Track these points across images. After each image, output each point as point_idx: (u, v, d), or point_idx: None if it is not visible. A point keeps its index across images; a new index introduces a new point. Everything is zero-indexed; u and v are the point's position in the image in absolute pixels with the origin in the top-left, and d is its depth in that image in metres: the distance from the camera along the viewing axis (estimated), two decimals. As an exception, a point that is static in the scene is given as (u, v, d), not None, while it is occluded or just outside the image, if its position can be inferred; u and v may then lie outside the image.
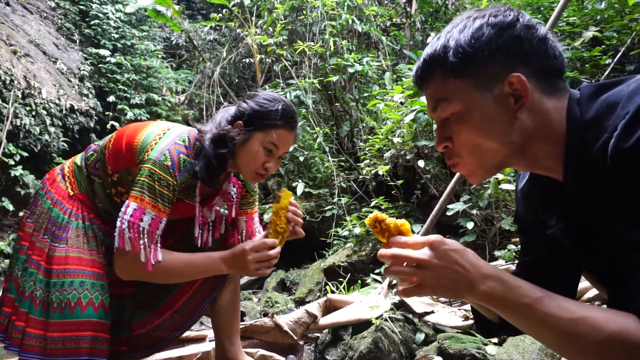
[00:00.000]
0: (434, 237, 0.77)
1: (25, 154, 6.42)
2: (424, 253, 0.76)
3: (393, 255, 0.79)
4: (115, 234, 1.41)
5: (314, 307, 2.38)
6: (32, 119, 6.56)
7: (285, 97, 5.40)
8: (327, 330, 2.34)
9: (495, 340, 2.04)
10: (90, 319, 1.46)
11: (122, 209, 1.42)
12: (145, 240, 1.40)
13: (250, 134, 1.48)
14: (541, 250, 0.93)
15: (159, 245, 1.44)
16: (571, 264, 0.91)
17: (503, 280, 0.74)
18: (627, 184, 0.66)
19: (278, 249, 1.51)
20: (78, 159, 1.67)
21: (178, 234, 1.70)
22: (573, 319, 0.69)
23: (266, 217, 4.66)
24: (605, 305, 0.81)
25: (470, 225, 3.18)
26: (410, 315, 2.27)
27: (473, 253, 0.77)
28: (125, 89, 7.88)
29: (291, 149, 5.05)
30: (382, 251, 0.80)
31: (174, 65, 9.51)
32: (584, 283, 1.91)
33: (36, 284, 1.47)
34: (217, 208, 1.68)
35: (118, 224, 1.41)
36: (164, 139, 1.47)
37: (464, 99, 0.80)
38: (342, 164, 5.11)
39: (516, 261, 2.68)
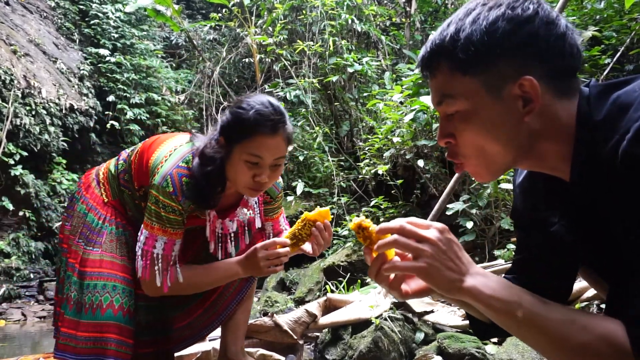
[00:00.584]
0: (442, 224, 0.77)
1: (25, 154, 6.42)
2: (431, 232, 0.75)
3: (401, 227, 0.77)
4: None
5: (314, 306, 2.38)
6: (32, 118, 6.56)
7: (285, 96, 5.43)
8: (326, 330, 2.34)
9: (494, 339, 2.04)
10: (118, 322, 1.49)
11: (139, 236, 1.47)
12: (160, 264, 1.44)
13: (231, 148, 1.40)
14: (541, 247, 0.91)
15: (177, 265, 1.48)
16: (570, 261, 0.91)
17: (493, 279, 0.75)
18: (636, 189, 0.66)
19: (288, 249, 1.48)
20: (112, 165, 1.67)
21: (199, 243, 1.69)
22: (561, 320, 0.69)
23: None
24: (603, 305, 0.82)
25: (469, 224, 3.18)
26: (410, 315, 2.27)
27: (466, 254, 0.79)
28: (125, 88, 7.87)
29: (291, 148, 5.05)
30: (382, 242, 0.78)
31: (174, 65, 9.51)
32: (582, 283, 1.92)
33: (71, 286, 1.53)
34: (240, 219, 1.66)
35: (136, 251, 1.46)
36: (169, 160, 1.45)
37: (471, 98, 0.75)
38: (342, 163, 5.11)
39: (515, 252, 2.68)
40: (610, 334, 0.66)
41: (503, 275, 0.93)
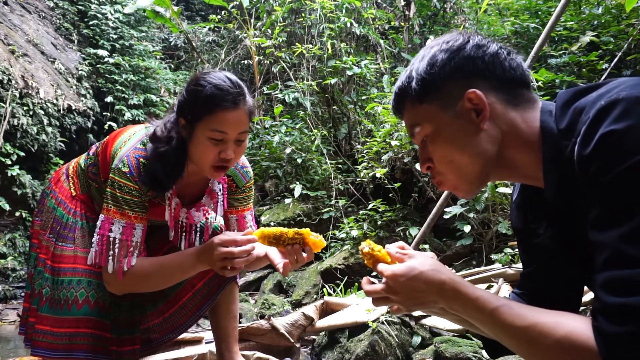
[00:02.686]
0: (390, 271, 0.84)
1: (22, 154, 6.40)
2: (387, 288, 0.85)
3: (366, 291, 0.91)
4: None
5: (311, 309, 2.38)
6: (30, 118, 6.54)
7: (284, 99, 5.43)
8: (323, 333, 2.34)
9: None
10: (94, 317, 1.48)
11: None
12: (116, 250, 1.38)
13: (192, 128, 1.34)
14: (537, 260, 0.95)
15: (135, 252, 1.41)
16: (567, 270, 0.92)
17: (460, 295, 0.79)
18: (590, 187, 0.69)
19: (248, 247, 1.34)
20: (82, 160, 1.65)
21: (169, 241, 1.65)
22: (525, 327, 0.73)
23: (263, 218, 4.66)
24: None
25: (467, 228, 3.18)
26: (407, 319, 2.27)
27: (433, 270, 0.82)
28: (123, 89, 7.86)
29: (289, 151, 5.09)
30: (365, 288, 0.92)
31: (172, 66, 9.51)
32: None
33: (43, 282, 1.50)
34: (206, 208, 1.60)
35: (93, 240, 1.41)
36: (128, 144, 1.44)
37: (432, 121, 0.87)
38: (340, 166, 5.11)
39: (512, 264, 2.69)
40: (568, 335, 0.68)
41: (511, 291, 1.02)
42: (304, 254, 1.34)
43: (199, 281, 1.68)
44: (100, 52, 7.87)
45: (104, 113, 7.81)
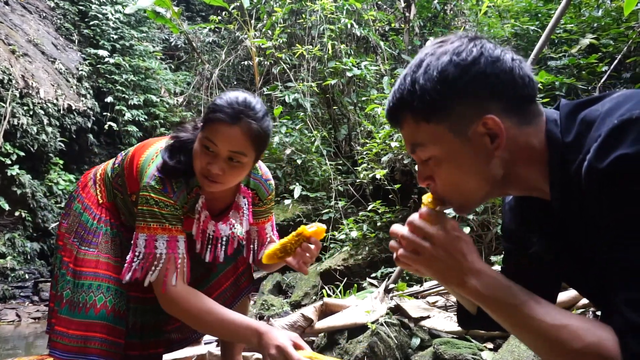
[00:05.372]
0: (452, 221, 0.79)
1: (22, 154, 6.41)
2: (436, 230, 0.78)
3: (410, 222, 0.81)
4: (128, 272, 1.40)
5: (310, 310, 2.38)
6: (30, 118, 6.55)
7: (284, 99, 5.43)
8: (322, 334, 2.34)
9: (490, 345, 2.04)
10: (109, 323, 1.49)
11: (133, 243, 1.41)
12: (161, 264, 1.37)
13: (197, 136, 1.39)
14: (522, 264, 0.95)
15: (184, 268, 1.41)
16: (551, 279, 0.94)
17: (494, 279, 0.76)
18: (608, 204, 0.67)
19: None
20: (109, 168, 1.65)
21: (192, 253, 1.65)
22: (555, 325, 0.71)
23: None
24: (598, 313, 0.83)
25: (466, 230, 3.19)
26: (406, 320, 2.27)
27: (476, 249, 0.79)
28: (124, 89, 7.87)
29: (289, 152, 5.09)
30: (396, 226, 0.83)
31: (173, 67, 9.52)
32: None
33: (65, 284, 1.52)
34: (233, 222, 1.62)
35: (128, 259, 1.40)
36: (156, 161, 1.44)
37: (440, 143, 0.79)
38: (340, 167, 5.12)
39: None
40: (598, 344, 0.67)
41: None
42: (312, 247, 1.42)
43: (214, 291, 1.70)
44: (101, 52, 7.88)
45: (104, 113, 7.82)
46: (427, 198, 0.87)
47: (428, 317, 2.30)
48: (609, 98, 0.75)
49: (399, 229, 0.83)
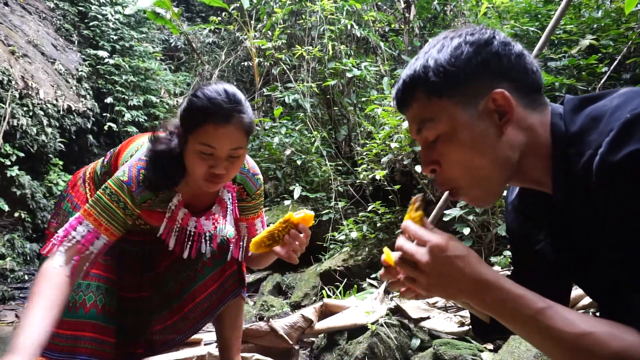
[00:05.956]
0: (436, 241, 0.74)
1: (22, 155, 6.40)
2: (424, 256, 0.75)
3: (399, 246, 0.80)
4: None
5: (310, 311, 2.37)
6: (29, 119, 6.54)
7: (284, 100, 5.43)
8: (322, 335, 2.34)
9: (490, 346, 2.04)
10: (99, 322, 1.48)
11: (71, 219, 1.37)
12: (68, 247, 1.29)
13: (186, 138, 1.34)
14: (530, 264, 0.92)
15: (84, 264, 1.33)
16: (561, 278, 0.91)
17: (504, 290, 0.72)
18: (616, 200, 0.66)
19: None
20: (98, 166, 1.65)
21: (172, 254, 1.63)
22: (577, 334, 0.67)
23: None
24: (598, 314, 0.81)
25: (466, 231, 3.18)
26: (406, 321, 2.27)
27: (476, 258, 0.75)
28: (123, 90, 7.87)
29: (288, 153, 5.10)
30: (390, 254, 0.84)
31: (173, 68, 9.52)
32: (579, 291, 1.92)
33: None
34: (216, 217, 1.58)
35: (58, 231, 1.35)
36: (136, 155, 1.42)
37: (451, 118, 0.79)
38: (340, 168, 5.12)
39: (512, 267, 2.69)
40: (626, 350, 0.64)
41: None
42: (301, 235, 1.36)
43: (200, 294, 1.69)
44: (101, 53, 7.88)
45: (104, 114, 7.81)
46: (411, 212, 0.84)
47: (428, 317, 2.29)
48: (617, 94, 0.74)
49: (393, 256, 0.81)
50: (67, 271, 1.28)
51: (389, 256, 0.85)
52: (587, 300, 2.00)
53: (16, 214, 6.42)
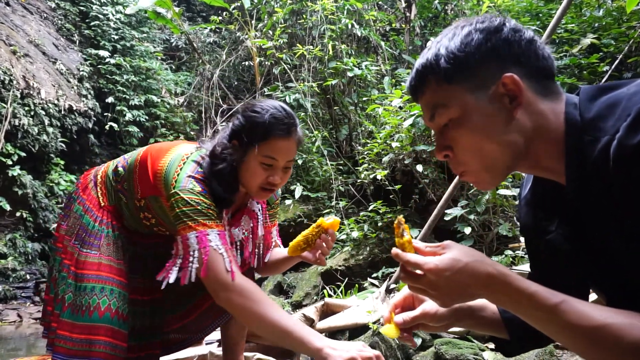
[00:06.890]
0: (430, 267, 0.76)
1: (23, 154, 6.41)
2: (425, 283, 0.78)
3: (402, 278, 0.82)
4: (173, 274, 1.36)
5: (311, 310, 2.38)
6: (31, 119, 6.55)
7: (284, 100, 5.43)
8: (323, 334, 2.33)
9: (492, 345, 2.04)
10: (113, 326, 1.48)
11: (178, 249, 1.36)
12: (216, 257, 1.32)
13: (246, 151, 1.42)
14: (545, 257, 0.92)
15: (235, 259, 1.39)
16: (577, 271, 0.90)
17: (517, 290, 0.73)
18: (634, 185, 0.65)
19: None
20: (110, 171, 1.64)
21: None
22: (594, 327, 0.68)
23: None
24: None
25: (467, 230, 3.18)
26: (407, 320, 2.27)
27: (479, 261, 0.75)
28: (125, 90, 7.88)
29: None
30: (398, 254, 0.82)
31: (174, 67, 9.52)
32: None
33: (66, 288, 1.51)
34: (244, 227, 1.64)
35: (179, 262, 1.35)
36: (185, 168, 1.43)
37: (461, 103, 0.80)
38: (341, 167, 5.12)
39: (513, 266, 2.69)
40: None
41: None
42: (329, 238, 1.52)
43: (210, 298, 1.69)
44: (102, 52, 7.89)
45: (105, 113, 7.82)
46: (398, 239, 0.84)
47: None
48: (635, 83, 0.74)
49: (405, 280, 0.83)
50: (241, 277, 1.36)
51: (390, 331, 0.94)
52: (593, 296, 1.99)
53: (18, 214, 6.43)
